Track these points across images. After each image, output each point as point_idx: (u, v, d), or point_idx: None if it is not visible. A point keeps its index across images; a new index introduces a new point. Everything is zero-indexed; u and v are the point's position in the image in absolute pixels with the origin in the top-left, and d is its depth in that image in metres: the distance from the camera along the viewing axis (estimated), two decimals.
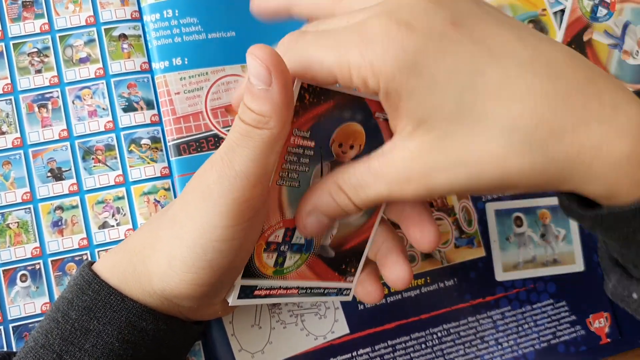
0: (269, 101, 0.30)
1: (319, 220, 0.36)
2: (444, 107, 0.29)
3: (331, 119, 0.35)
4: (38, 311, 0.46)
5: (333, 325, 0.49)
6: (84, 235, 0.48)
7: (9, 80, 0.49)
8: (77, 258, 0.47)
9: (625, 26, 0.56)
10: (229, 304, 0.38)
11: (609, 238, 0.33)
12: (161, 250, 0.36)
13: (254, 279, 0.38)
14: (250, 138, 0.31)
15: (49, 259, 0.47)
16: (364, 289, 0.41)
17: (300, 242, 0.38)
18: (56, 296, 0.47)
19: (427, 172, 0.30)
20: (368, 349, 0.50)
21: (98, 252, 0.47)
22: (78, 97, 0.49)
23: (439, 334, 0.51)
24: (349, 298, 0.42)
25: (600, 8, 0.56)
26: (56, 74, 0.49)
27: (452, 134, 0.29)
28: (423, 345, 0.51)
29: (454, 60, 0.29)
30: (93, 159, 0.48)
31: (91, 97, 0.49)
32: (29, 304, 0.46)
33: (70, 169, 0.48)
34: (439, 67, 0.29)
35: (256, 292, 0.38)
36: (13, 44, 0.49)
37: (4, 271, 0.47)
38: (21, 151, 0.48)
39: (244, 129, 0.31)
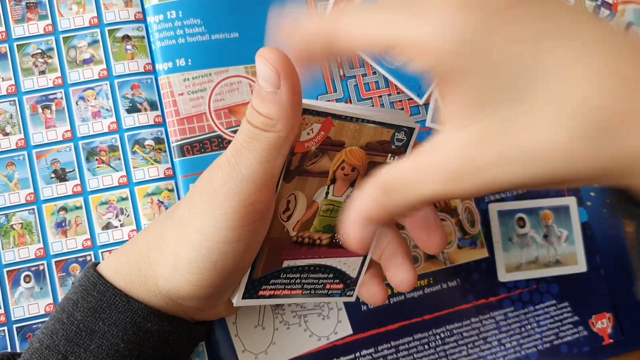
0: (277, 104, 0.30)
1: (365, 229, 0.31)
2: (504, 88, 0.26)
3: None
4: (42, 312, 0.46)
5: (336, 326, 0.50)
6: (88, 236, 0.48)
7: (12, 82, 0.49)
8: (80, 259, 0.47)
9: (628, 27, 0.56)
10: (233, 305, 0.38)
11: None
12: (167, 251, 0.36)
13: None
14: (258, 141, 0.31)
15: (53, 260, 0.47)
16: (368, 291, 0.41)
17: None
18: (60, 297, 0.47)
19: (486, 163, 0.26)
20: (371, 350, 0.50)
21: (102, 253, 0.48)
22: (82, 98, 0.49)
23: (442, 335, 0.51)
24: (352, 299, 0.42)
25: (602, 9, 0.56)
26: (60, 75, 0.49)
27: (511, 119, 0.26)
28: (426, 346, 0.51)
29: (518, 37, 0.25)
30: (97, 159, 0.48)
31: (95, 98, 0.49)
32: (32, 305, 0.46)
33: (74, 170, 0.48)
34: (498, 45, 0.25)
35: (260, 293, 0.38)
36: (17, 45, 0.49)
37: (7, 272, 0.47)
38: (25, 152, 0.48)
39: (252, 131, 0.31)
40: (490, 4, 0.26)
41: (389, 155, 0.37)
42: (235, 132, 0.49)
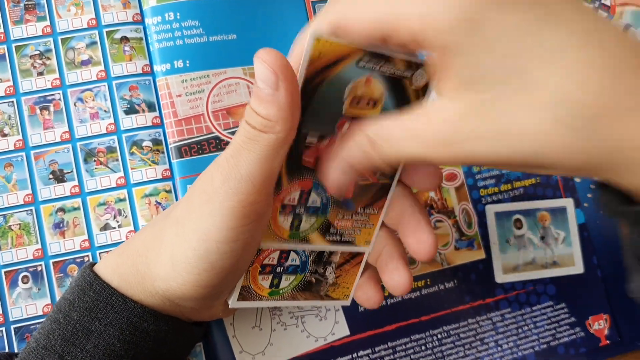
0: (276, 105, 0.30)
1: (345, 174, 0.33)
2: (497, 68, 0.27)
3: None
4: (40, 312, 0.47)
5: (333, 327, 0.50)
6: (86, 237, 0.48)
7: (11, 83, 0.49)
8: (78, 260, 0.47)
9: (626, 29, 0.57)
10: (229, 306, 0.39)
11: None
12: (165, 251, 0.36)
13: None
14: (256, 142, 0.31)
15: (51, 261, 0.47)
16: (364, 294, 0.41)
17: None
18: (58, 298, 0.47)
19: (469, 136, 0.28)
20: (368, 351, 0.50)
21: (99, 253, 0.48)
22: (80, 99, 0.49)
23: (439, 336, 0.51)
24: (348, 303, 0.42)
25: (600, 11, 0.56)
26: (58, 77, 0.49)
27: (500, 98, 0.27)
28: (423, 347, 0.51)
29: (513, 20, 0.26)
30: (95, 161, 0.49)
31: (93, 100, 0.49)
32: (30, 306, 0.47)
33: (72, 171, 0.48)
34: (497, 25, 0.26)
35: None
36: (15, 46, 0.49)
37: (5, 273, 0.47)
38: (23, 153, 0.48)
39: (250, 132, 0.31)
40: None
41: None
42: (233, 133, 0.50)
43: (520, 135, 0.27)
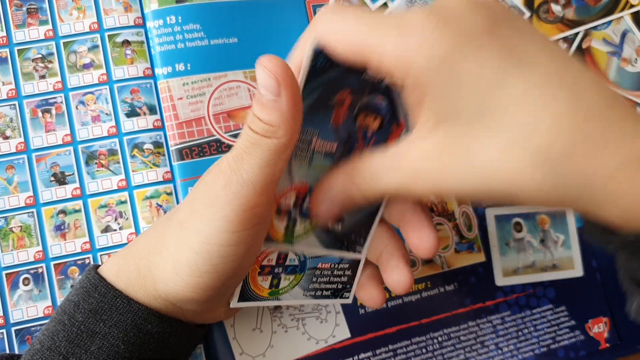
0: (278, 111, 0.31)
1: (329, 209, 0.36)
2: (467, 108, 0.29)
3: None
4: (40, 315, 0.47)
5: (334, 330, 0.50)
6: (87, 239, 0.48)
7: (13, 86, 0.49)
8: (79, 262, 0.47)
9: (624, 34, 0.57)
10: (231, 306, 0.39)
11: (633, 261, 0.31)
12: (167, 254, 0.36)
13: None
14: (259, 147, 0.32)
15: (52, 263, 0.47)
16: (367, 293, 0.41)
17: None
18: (58, 300, 0.47)
19: (440, 171, 0.30)
20: (369, 353, 0.50)
21: (100, 255, 0.48)
22: (81, 102, 0.49)
23: (440, 339, 0.51)
24: (349, 300, 0.42)
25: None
26: (60, 80, 0.49)
27: (470, 136, 0.29)
28: (424, 350, 0.51)
29: (484, 63, 0.28)
30: (96, 163, 0.49)
31: (94, 103, 0.49)
32: (31, 308, 0.47)
33: (73, 174, 0.48)
34: (468, 68, 0.28)
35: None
36: (18, 49, 0.49)
37: (6, 275, 0.47)
38: (25, 155, 0.48)
39: (253, 137, 0.32)
40: (468, 27, 0.29)
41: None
42: (233, 136, 0.50)
43: (489, 172, 0.29)
